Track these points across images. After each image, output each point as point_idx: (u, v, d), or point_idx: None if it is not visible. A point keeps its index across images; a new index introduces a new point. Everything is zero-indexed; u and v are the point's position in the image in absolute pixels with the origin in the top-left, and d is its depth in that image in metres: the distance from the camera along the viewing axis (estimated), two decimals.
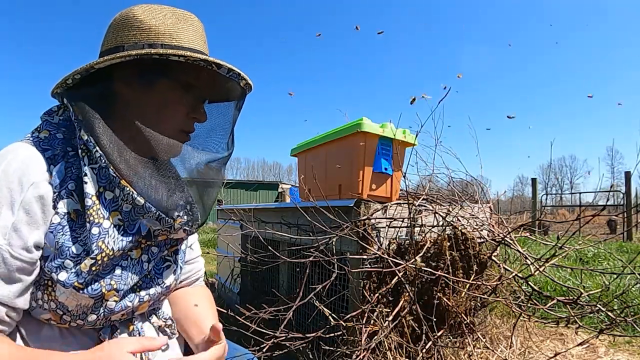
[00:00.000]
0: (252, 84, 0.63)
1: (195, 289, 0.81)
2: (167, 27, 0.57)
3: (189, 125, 0.62)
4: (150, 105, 0.58)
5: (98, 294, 0.55)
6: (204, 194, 0.67)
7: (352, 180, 1.61)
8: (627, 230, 6.84)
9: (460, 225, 1.58)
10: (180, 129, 0.61)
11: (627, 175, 7.88)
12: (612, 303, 1.87)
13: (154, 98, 0.58)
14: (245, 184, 19.82)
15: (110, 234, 0.54)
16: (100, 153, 0.53)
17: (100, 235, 0.53)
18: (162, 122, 0.59)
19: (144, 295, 0.62)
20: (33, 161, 0.53)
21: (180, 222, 0.60)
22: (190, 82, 0.60)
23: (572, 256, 3.71)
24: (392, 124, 1.66)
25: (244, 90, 0.64)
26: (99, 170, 0.55)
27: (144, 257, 0.61)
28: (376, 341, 1.30)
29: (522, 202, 17.71)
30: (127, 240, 0.57)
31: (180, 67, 0.56)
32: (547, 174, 39.93)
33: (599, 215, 1.30)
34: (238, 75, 0.59)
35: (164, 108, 0.59)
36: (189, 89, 0.60)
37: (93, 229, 0.53)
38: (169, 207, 0.58)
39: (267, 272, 2.06)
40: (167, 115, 0.60)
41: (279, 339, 1.25)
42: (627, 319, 1.37)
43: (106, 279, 0.56)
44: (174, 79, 0.58)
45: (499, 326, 1.79)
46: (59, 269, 0.52)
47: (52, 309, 0.55)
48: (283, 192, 11.64)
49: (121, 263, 0.58)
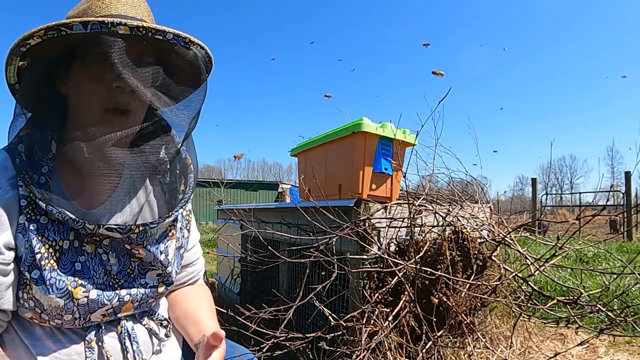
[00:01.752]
0: (159, 29, 0.52)
1: (195, 287, 0.81)
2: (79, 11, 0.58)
3: (119, 97, 0.55)
4: (74, 96, 0.58)
5: (64, 293, 0.55)
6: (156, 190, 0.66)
7: (352, 180, 1.61)
8: (627, 230, 6.85)
9: (460, 225, 1.58)
10: (111, 107, 0.56)
11: (627, 175, 7.88)
12: (612, 303, 1.87)
13: (75, 85, 0.57)
14: (245, 184, 19.82)
15: (49, 227, 0.55)
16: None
17: (39, 230, 0.55)
18: (90, 104, 0.56)
19: (125, 294, 0.61)
20: (3, 164, 0.55)
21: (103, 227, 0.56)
22: (97, 52, 0.52)
23: (572, 256, 3.71)
24: (392, 124, 1.66)
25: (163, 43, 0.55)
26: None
27: (100, 250, 0.60)
28: (376, 341, 1.30)
29: (522, 202, 17.70)
30: (67, 229, 0.57)
31: (84, 42, 0.52)
32: (547, 174, 39.95)
33: (599, 215, 1.30)
34: (138, 28, 0.50)
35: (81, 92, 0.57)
36: (98, 57, 0.53)
37: (31, 225, 0.54)
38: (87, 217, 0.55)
39: (267, 272, 2.06)
40: (91, 97, 0.56)
41: (279, 339, 1.25)
42: (627, 319, 1.38)
43: (69, 276, 0.56)
44: (81, 55, 0.55)
45: (499, 326, 1.79)
46: (32, 267, 0.54)
47: (31, 307, 0.56)
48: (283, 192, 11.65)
49: (79, 258, 0.58)
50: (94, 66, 0.55)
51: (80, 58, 0.55)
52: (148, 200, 0.65)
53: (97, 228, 0.55)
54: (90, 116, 0.56)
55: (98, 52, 0.52)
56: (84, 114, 0.57)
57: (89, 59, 0.55)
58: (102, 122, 0.56)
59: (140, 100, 0.56)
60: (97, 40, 0.51)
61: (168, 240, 0.67)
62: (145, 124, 0.60)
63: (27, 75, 0.56)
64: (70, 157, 0.57)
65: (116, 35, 0.50)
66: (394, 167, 1.69)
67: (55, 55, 0.55)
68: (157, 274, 0.66)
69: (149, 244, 0.62)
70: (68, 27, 0.49)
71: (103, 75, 0.54)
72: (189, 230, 0.75)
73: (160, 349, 0.68)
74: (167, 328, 0.70)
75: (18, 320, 0.59)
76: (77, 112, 0.58)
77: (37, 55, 0.54)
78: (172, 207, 0.64)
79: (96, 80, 0.55)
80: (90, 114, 0.56)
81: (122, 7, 0.57)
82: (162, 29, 0.53)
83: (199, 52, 0.58)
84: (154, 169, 0.62)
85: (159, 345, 0.67)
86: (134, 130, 0.58)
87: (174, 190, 0.67)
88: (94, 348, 0.59)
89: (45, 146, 0.58)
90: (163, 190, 0.67)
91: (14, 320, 0.59)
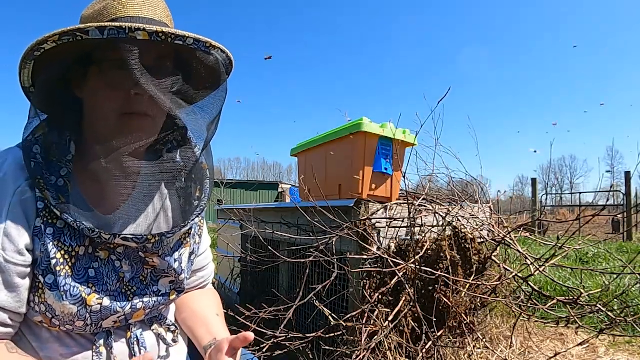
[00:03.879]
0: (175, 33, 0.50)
1: (204, 291, 0.81)
2: (94, 11, 0.56)
3: (136, 104, 0.54)
4: (91, 100, 0.57)
5: (78, 299, 0.54)
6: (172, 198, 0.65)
7: (352, 180, 1.61)
8: (627, 230, 6.85)
9: (460, 225, 1.58)
10: (126, 112, 0.54)
11: (627, 175, 7.88)
12: (612, 303, 1.87)
13: (92, 90, 0.56)
14: (245, 184, 19.81)
15: (65, 232, 0.55)
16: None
17: (56, 234, 0.54)
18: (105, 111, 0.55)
19: (137, 302, 0.61)
20: (20, 166, 0.54)
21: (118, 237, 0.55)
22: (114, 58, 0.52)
23: (572, 256, 3.71)
24: (392, 124, 1.66)
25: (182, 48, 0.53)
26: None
27: (113, 257, 0.59)
28: (376, 341, 1.30)
29: (522, 202, 17.70)
30: (83, 235, 0.56)
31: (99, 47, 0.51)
32: (547, 174, 39.94)
33: (599, 215, 1.30)
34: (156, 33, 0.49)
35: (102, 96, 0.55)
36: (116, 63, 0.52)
37: (48, 229, 0.53)
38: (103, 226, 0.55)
39: (267, 272, 2.06)
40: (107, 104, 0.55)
41: (279, 339, 1.25)
42: (627, 319, 1.38)
43: (83, 283, 0.55)
44: (99, 61, 0.54)
45: (499, 326, 1.79)
46: (46, 272, 0.53)
47: (42, 312, 0.55)
48: (283, 192, 11.64)
49: (92, 265, 0.57)
50: (112, 72, 0.53)
51: (97, 63, 0.54)
52: (164, 208, 0.65)
53: (113, 238, 0.54)
54: (107, 122, 0.55)
55: (115, 57, 0.50)
56: (100, 119, 0.56)
57: (106, 64, 0.53)
58: (120, 128, 0.54)
59: (159, 107, 0.55)
60: (115, 46, 0.49)
61: (182, 249, 0.67)
62: (164, 131, 0.60)
63: (42, 78, 0.54)
64: (86, 162, 0.56)
65: (134, 42, 0.49)
66: (394, 167, 1.69)
67: (70, 59, 0.53)
68: (170, 281, 0.66)
69: (164, 252, 0.62)
70: (84, 33, 0.48)
71: (121, 82, 0.53)
72: (201, 235, 0.75)
73: (167, 353, 0.67)
74: (175, 333, 0.69)
75: (26, 323, 0.58)
76: (94, 117, 0.57)
77: (52, 58, 0.52)
78: (188, 216, 0.63)
79: (114, 86, 0.54)
80: (108, 120, 0.55)
81: (139, 8, 0.55)
82: (182, 34, 0.51)
83: (219, 56, 0.57)
84: (170, 175, 0.62)
85: (166, 350, 0.67)
86: (152, 137, 0.57)
87: (189, 197, 0.66)
88: (102, 353, 0.59)
89: (64, 147, 0.57)
90: (179, 196, 0.66)
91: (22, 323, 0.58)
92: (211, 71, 0.58)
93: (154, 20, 0.56)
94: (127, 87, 0.53)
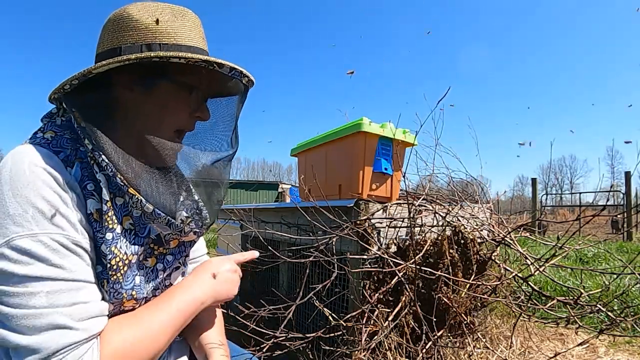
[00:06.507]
0: (254, 80, 0.63)
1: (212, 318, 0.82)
2: (164, 26, 0.56)
3: (191, 124, 0.62)
4: (152, 109, 0.58)
5: (118, 303, 0.55)
6: (211, 194, 0.68)
7: (352, 180, 1.61)
8: (627, 230, 6.85)
9: (460, 225, 1.58)
10: (182, 128, 0.62)
11: (627, 175, 7.88)
12: (612, 303, 1.87)
13: (155, 101, 0.57)
14: (245, 184, 19.79)
15: (122, 239, 0.55)
16: (106, 162, 0.51)
17: (114, 240, 0.53)
18: (164, 125, 0.59)
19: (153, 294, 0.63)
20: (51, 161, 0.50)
21: (189, 225, 0.61)
22: (191, 83, 0.59)
23: (572, 256, 3.71)
24: (392, 124, 1.66)
25: (246, 87, 0.64)
26: (107, 177, 0.53)
27: (159, 266, 0.61)
28: (376, 341, 1.29)
29: (522, 202, 17.69)
30: (139, 244, 0.57)
31: (181, 68, 0.55)
32: (547, 174, 39.94)
33: (599, 216, 1.29)
34: (240, 73, 0.59)
35: (166, 110, 0.58)
36: (190, 89, 0.59)
37: (107, 234, 0.52)
38: (176, 211, 0.59)
39: (267, 272, 2.06)
40: (169, 118, 0.59)
41: (279, 338, 1.25)
42: (627, 319, 1.38)
43: (128, 288, 0.56)
44: (175, 81, 0.57)
45: (499, 326, 1.79)
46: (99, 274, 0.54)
47: None
48: (283, 192, 11.65)
49: (139, 272, 0.58)
50: (183, 93, 0.59)
51: (170, 80, 0.57)
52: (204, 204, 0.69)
53: (182, 224, 0.59)
54: (161, 133, 0.58)
55: (191, 82, 0.59)
56: (155, 128, 0.58)
57: (181, 84, 0.58)
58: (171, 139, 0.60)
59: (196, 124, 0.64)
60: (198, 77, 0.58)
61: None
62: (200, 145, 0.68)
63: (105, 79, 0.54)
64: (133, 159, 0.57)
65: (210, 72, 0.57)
66: (394, 167, 1.69)
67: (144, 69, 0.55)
68: (182, 273, 0.70)
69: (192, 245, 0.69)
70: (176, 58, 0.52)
71: (190, 104, 0.60)
72: None
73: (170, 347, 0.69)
74: None
75: None
76: (146, 124, 0.58)
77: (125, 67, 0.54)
78: (215, 213, 0.68)
79: (182, 106, 0.60)
80: (163, 132, 0.58)
81: (187, 35, 0.57)
82: (247, 74, 0.60)
83: (248, 85, 0.64)
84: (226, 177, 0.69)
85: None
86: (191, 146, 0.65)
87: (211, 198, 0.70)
88: None
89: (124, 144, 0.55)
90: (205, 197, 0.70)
91: None
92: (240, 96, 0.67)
93: (197, 47, 0.59)
94: (193, 110, 0.61)
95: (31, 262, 0.45)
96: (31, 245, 0.45)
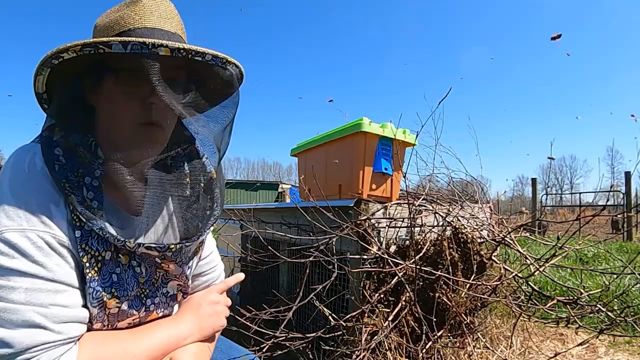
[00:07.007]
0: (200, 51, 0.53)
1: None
2: (110, 20, 0.56)
3: (150, 114, 0.55)
4: (107, 107, 0.56)
5: (100, 303, 0.55)
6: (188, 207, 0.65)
7: (352, 180, 1.61)
8: (627, 230, 6.85)
9: (460, 225, 1.58)
10: (145, 121, 0.55)
11: (627, 175, 7.88)
12: (612, 303, 1.87)
13: (107, 97, 0.56)
14: (245, 184, 19.78)
15: (94, 235, 0.54)
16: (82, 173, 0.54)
17: (83, 237, 0.53)
18: (120, 120, 0.55)
19: (150, 304, 0.63)
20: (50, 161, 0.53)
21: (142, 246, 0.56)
22: (130, 67, 0.53)
23: (572, 256, 3.71)
24: (392, 124, 1.66)
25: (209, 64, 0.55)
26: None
27: (133, 262, 0.60)
28: (376, 341, 1.30)
29: (522, 202, 17.70)
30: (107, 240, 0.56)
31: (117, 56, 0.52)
32: (547, 174, 39.94)
33: (599, 216, 1.29)
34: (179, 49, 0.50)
35: (117, 104, 0.55)
36: (134, 75, 0.53)
37: (76, 231, 0.53)
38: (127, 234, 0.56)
39: (267, 272, 2.06)
40: (124, 111, 0.55)
41: (279, 339, 1.25)
42: (627, 319, 1.38)
43: (106, 287, 0.56)
44: (115, 70, 0.54)
45: (499, 326, 1.79)
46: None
47: None
48: (283, 192, 11.65)
49: (115, 270, 0.57)
50: (129, 81, 0.54)
51: (113, 71, 0.54)
52: (183, 217, 0.65)
53: (137, 247, 0.55)
54: (124, 130, 0.55)
55: (134, 67, 0.52)
56: (118, 126, 0.56)
57: (124, 73, 0.54)
58: (138, 136, 0.55)
59: (172, 117, 0.57)
60: (136, 61, 0.50)
61: (194, 256, 0.69)
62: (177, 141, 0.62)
63: (59, 84, 0.55)
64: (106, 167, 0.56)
65: (156, 57, 0.50)
66: (394, 167, 1.69)
67: (88, 67, 0.54)
68: (178, 284, 0.68)
69: (181, 260, 0.64)
70: (107, 46, 0.48)
71: (139, 92, 0.54)
72: (204, 241, 0.76)
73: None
74: None
75: None
76: (111, 124, 0.57)
77: (70, 67, 0.52)
78: (205, 224, 0.65)
79: (131, 96, 0.54)
80: (125, 128, 0.55)
81: (156, 20, 0.56)
82: (202, 50, 0.52)
83: (233, 71, 0.58)
84: (184, 184, 0.64)
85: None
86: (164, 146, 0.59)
87: (203, 206, 0.67)
88: None
89: (92, 150, 0.56)
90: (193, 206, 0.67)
91: None
92: (224, 84, 0.60)
93: (169, 32, 0.57)
94: (144, 96, 0.54)
95: (16, 255, 0.47)
96: (18, 240, 0.47)
